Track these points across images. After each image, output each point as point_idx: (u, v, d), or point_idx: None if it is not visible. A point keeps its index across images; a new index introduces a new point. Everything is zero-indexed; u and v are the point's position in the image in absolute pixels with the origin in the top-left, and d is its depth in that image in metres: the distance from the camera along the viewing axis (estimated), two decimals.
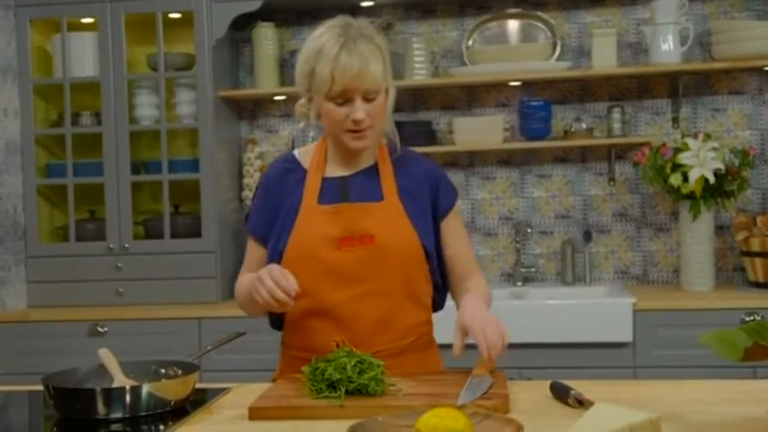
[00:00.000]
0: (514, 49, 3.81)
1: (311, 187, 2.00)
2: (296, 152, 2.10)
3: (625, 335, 3.29)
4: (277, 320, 2.07)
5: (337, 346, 1.86)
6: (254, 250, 2.08)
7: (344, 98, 1.90)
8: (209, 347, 2.03)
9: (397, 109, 2.10)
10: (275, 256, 1.98)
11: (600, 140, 3.76)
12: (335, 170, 2.03)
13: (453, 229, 2.06)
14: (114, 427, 1.67)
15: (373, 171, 2.03)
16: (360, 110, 1.89)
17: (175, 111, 3.84)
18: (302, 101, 2.00)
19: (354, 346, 1.86)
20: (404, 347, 1.98)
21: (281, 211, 2.00)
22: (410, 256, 1.96)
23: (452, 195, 2.08)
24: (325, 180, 2.01)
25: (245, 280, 2.02)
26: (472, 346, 1.85)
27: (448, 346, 1.97)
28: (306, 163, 2.05)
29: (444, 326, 2.04)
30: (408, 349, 1.99)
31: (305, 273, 1.92)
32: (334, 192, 2.00)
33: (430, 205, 2.03)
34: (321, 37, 1.91)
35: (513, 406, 1.68)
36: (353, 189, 2.00)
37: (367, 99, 1.90)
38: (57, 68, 3.82)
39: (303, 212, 1.97)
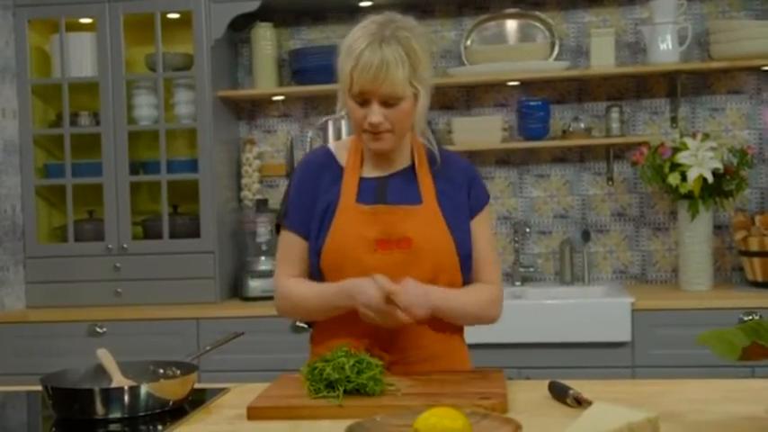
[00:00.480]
0: (513, 49, 3.81)
1: (349, 186, 1.96)
2: (331, 147, 2.05)
3: (623, 334, 3.29)
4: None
5: (366, 350, 1.84)
6: (294, 245, 1.98)
7: (363, 99, 1.86)
8: (208, 347, 2.03)
9: None
10: (313, 255, 1.95)
11: (598, 140, 3.77)
12: (372, 170, 1.99)
13: (476, 234, 1.99)
14: (113, 427, 1.67)
15: (411, 173, 1.99)
16: (375, 114, 1.85)
17: (174, 111, 3.84)
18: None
19: (385, 350, 1.85)
20: (435, 352, 1.96)
21: (318, 208, 1.96)
22: (445, 261, 1.93)
23: (482, 198, 2.03)
24: (362, 180, 1.97)
25: (311, 291, 1.95)
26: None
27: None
28: (342, 159, 2.00)
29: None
30: (439, 353, 1.97)
31: (341, 273, 1.90)
32: (372, 192, 1.96)
33: (467, 206, 1.99)
34: (357, 32, 1.88)
35: (512, 405, 1.68)
36: (391, 190, 1.96)
37: (387, 103, 1.85)
38: (55, 69, 3.82)
39: (341, 211, 1.94)
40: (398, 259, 1.91)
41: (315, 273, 1.97)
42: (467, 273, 1.98)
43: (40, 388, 1.77)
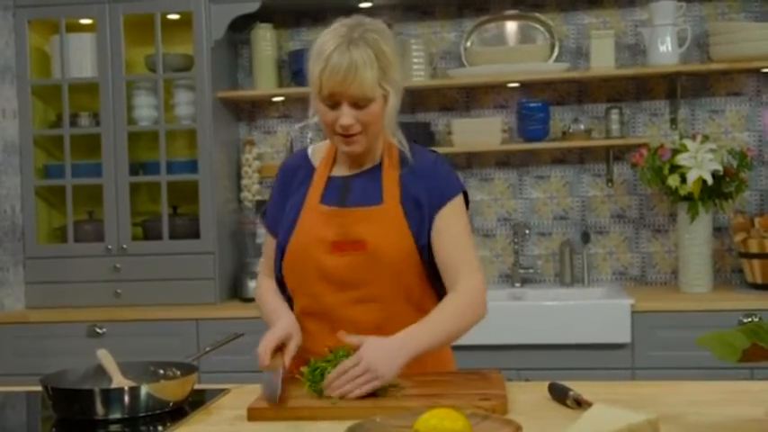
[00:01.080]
0: (513, 51, 3.81)
1: (316, 186, 1.99)
2: (309, 149, 2.09)
3: (623, 336, 3.29)
4: None
5: (330, 351, 1.84)
6: (270, 244, 2.07)
7: (333, 101, 1.87)
8: (208, 348, 2.03)
9: None
10: (279, 253, 1.99)
11: (598, 142, 3.77)
12: (341, 169, 2.01)
13: (443, 227, 1.93)
14: (113, 427, 1.67)
15: (377, 172, 1.98)
16: (346, 116, 1.86)
17: (174, 112, 3.84)
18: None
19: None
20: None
21: (287, 207, 2.01)
22: (404, 262, 1.91)
23: (448, 190, 1.95)
24: (330, 179, 2.00)
25: (266, 297, 2.07)
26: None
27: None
28: (316, 161, 2.04)
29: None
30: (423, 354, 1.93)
31: (302, 273, 1.95)
32: (336, 192, 1.98)
33: (428, 201, 1.94)
34: (326, 35, 1.88)
35: (512, 407, 1.68)
36: (354, 190, 1.97)
37: (357, 105, 1.86)
38: (55, 69, 3.82)
39: (305, 212, 1.97)
40: (354, 262, 1.91)
41: (278, 271, 2.01)
42: (435, 273, 1.95)
43: (39, 388, 1.77)
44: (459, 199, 1.98)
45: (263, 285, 2.10)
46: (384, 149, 2.00)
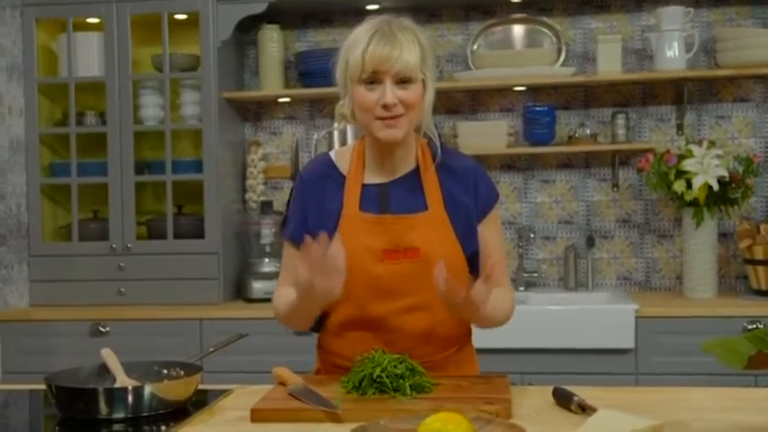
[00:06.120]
0: (519, 54, 3.81)
1: (351, 195, 1.92)
2: (332, 154, 2.02)
3: (627, 341, 3.29)
4: (317, 323, 1.99)
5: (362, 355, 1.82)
6: (293, 256, 1.94)
7: (375, 80, 1.83)
8: (212, 349, 2.03)
9: None
10: None
11: (604, 146, 3.77)
12: (374, 176, 1.95)
13: (485, 237, 1.95)
14: (116, 427, 1.67)
15: (415, 178, 1.94)
16: (390, 92, 1.82)
17: (180, 111, 3.85)
18: (342, 100, 1.92)
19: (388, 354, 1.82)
20: (443, 359, 1.94)
21: (321, 218, 1.92)
22: (454, 269, 1.85)
23: (491, 198, 1.99)
24: (364, 187, 1.93)
25: (287, 292, 1.92)
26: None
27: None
28: (343, 168, 1.96)
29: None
30: (447, 361, 1.95)
31: (347, 283, 1.84)
32: (374, 200, 1.92)
33: (475, 209, 1.95)
34: (360, 28, 1.89)
35: (516, 411, 1.68)
36: (395, 198, 1.92)
37: (400, 83, 1.83)
38: (62, 68, 3.83)
39: (345, 221, 1.90)
40: (407, 269, 1.88)
41: None
42: (473, 276, 1.93)
43: (42, 386, 1.77)
44: (497, 206, 2.02)
45: (276, 299, 1.98)
46: (418, 153, 1.96)
